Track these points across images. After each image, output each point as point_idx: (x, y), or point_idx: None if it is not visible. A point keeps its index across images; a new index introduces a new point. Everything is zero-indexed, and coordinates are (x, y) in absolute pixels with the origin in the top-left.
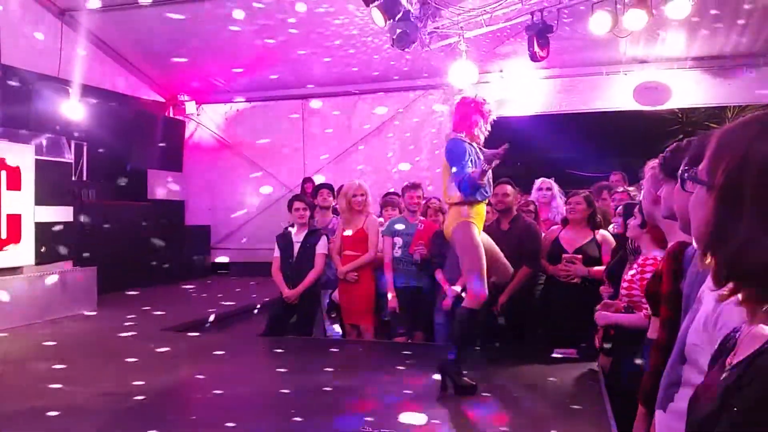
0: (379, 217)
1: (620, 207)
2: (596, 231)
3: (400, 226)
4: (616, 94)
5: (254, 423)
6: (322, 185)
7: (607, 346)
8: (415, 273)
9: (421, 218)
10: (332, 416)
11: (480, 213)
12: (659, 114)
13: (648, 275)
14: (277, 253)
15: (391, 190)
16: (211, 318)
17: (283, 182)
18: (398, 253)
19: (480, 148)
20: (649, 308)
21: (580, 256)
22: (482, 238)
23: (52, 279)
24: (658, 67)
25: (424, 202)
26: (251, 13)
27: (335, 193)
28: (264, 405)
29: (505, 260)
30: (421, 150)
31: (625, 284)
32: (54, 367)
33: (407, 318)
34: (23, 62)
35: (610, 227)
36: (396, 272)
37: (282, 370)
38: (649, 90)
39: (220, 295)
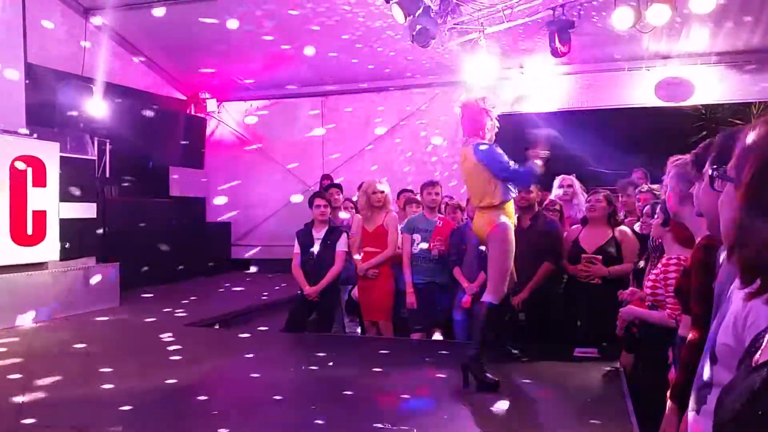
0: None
1: (647, 206)
2: (615, 228)
3: (418, 223)
4: (638, 91)
5: (274, 418)
6: (332, 185)
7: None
8: (434, 270)
9: (440, 215)
10: (351, 412)
11: (512, 213)
12: (682, 110)
13: (672, 274)
14: (297, 249)
15: (408, 187)
16: (232, 314)
17: (302, 179)
18: (417, 249)
19: None
20: (676, 307)
21: (599, 257)
22: None
23: (76, 275)
24: (681, 63)
25: (442, 199)
26: (271, 12)
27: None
28: (283, 400)
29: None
30: (441, 147)
31: (649, 283)
32: (77, 362)
33: (425, 315)
34: (48, 61)
35: (636, 225)
36: (414, 269)
37: (302, 366)
38: (671, 86)
39: (241, 291)
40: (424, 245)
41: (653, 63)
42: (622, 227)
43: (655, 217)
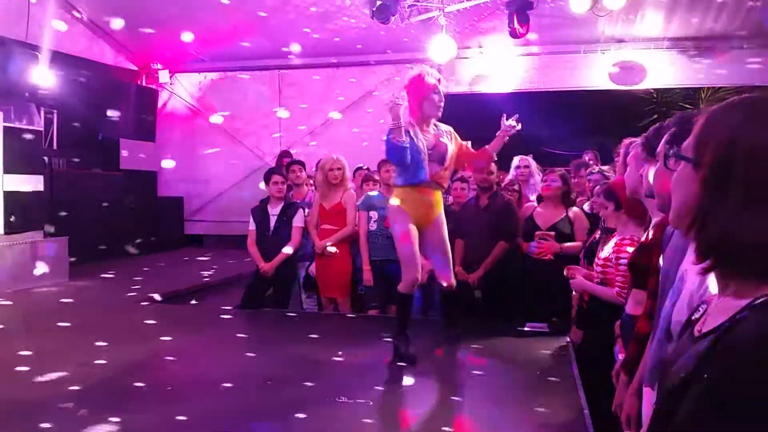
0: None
1: (597, 187)
2: (569, 208)
3: (375, 201)
4: (593, 73)
5: (228, 394)
6: (293, 162)
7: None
8: (391, 247)
9: None
10: (308, 388)
11: (417, 200)
12: (634, 94)
13: (624, 254)
14: (252, 226)
15: (363, 165)
16: (186, 290)
17: (258, 155)
18: (374, 227)
19: (435, 124)
20: (624, 286)
21: (553, 233)
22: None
23: (22, 249)
24: (635, 47)
25: None
26: None
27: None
28: (238, 376)
29: (445, 257)
30: None
31: (600, 262)
32: (23, 338)
33: (382, 292)
34: None
35: (585, 206)
36: (372, 246)
37: (258, 342)
38: (624, 69)
39: (194, 268)
40: (382, 225)
41: (608, 46)
42: (575, 207)
43: (605, 208)
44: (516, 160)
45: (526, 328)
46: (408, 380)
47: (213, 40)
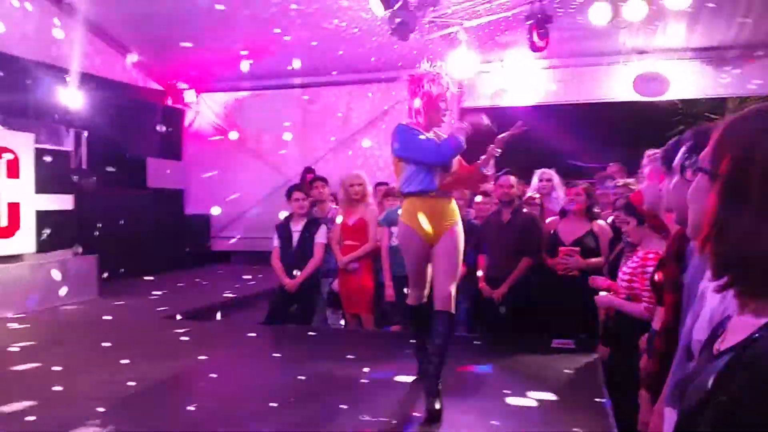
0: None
1: (619, 200)
2: (593, 222)
3: (396, 216)
4: (616, 85)
5: (253, 411)
6: (316, 178)
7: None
8: None
9: None
10: (331, 404)
11: (428, 209)
12: (659, 105)
13: (650, 267)
14: (276, 242)
15: (383, 181)
16: (212, 306)
17: (283, 172)
18: (395, 242)
19: (434, 132)
20: (652, 300)
21: (578, 249)
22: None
23: (52, 267)
24: (658, 58)
25: None
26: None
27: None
28: (263, 393)
29: (446, 286)
30: None
31: (625, 276)
32: (53, 354)
33: (403, 307)
34: (19, 50)
35: (609, 219)
36: (393, 262)
37: (282, 358)
38: (648, 81)
39: (220, 284)
40: None
41: (630, 58)
42: (599, 221)
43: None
44: (538, 174)
45: (552, 345)
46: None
47: (237, 59)
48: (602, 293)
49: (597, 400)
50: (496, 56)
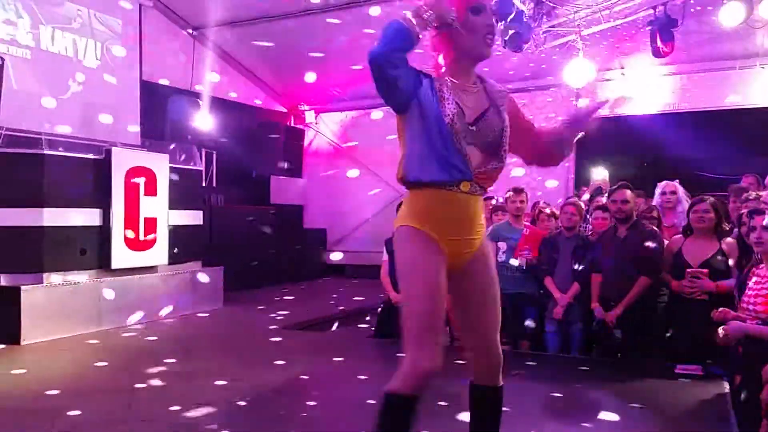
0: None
1: (744, 213)
2: (723, 240)
3: (504, 231)
4: (752, 90)
5: (364, 422)
6: None
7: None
8: (521, 279)
9: (526, 223)
10: (435, 419)
11: (447, 214)
12: None
13: None
14: (385, 257)
15: (492, 196)
16: (327, 318)
17: (395, 187)
18: (502, 258)
19: (481, 78)
20: None
21: (705, 270)
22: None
23: (183, 278)
24: None
25: (530, 206)
26: (364, 24)
27: None
28: (373, 404)
29: (494, 338)
30: None
31: (751, 293)
32: (180, 360)
33: (512, 326)
34: (160, 77)
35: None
36: (501, 278)
37: (391, 371)
38: None
39: (334, 297)
40: (511, 256)
41: None
42: (729, 238)
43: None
44: (661, 186)
45: (676, 371)
46: (540, 419)
47: (351, 81)
48: (731, 322)
49: (724, 429)
50: (616, 63)
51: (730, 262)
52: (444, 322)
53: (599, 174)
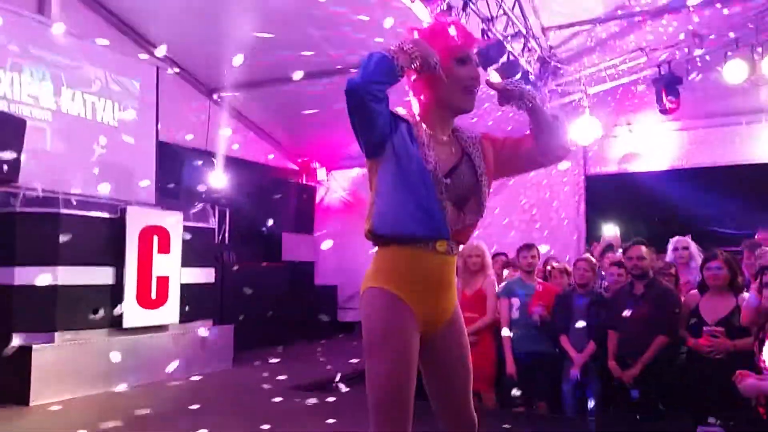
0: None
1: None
2: (739, 296)
3: (516, 287)
4: (760, 145)
5: None
6: None
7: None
8: (535, 337)
9: (539, 280)
10: None
11: (418, 275)
12: None
13: None
14: None
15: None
16: (334, 378)
17: None
18: (516, 314)
19: (457, 130)
20: None
21: (722, 329)
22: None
23: (193, 337)
24: None
25: (540, 263)
26: None
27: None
28: None
29: (464, 402)
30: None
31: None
32: (190, 422)
33: (528, 386)
34: (175, 138)
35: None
36: (516, 336)
37: None
38: None
39: (343, 356)
40: (524, 312)
41: None
42: (746, 293)
43: None
44: (673, 242)
45: (698, 431)
46: None
47: None
48: (748, 380)
49: None
50: (623, 120)
51: None
52: (413, 395)
53: (609, 230)
